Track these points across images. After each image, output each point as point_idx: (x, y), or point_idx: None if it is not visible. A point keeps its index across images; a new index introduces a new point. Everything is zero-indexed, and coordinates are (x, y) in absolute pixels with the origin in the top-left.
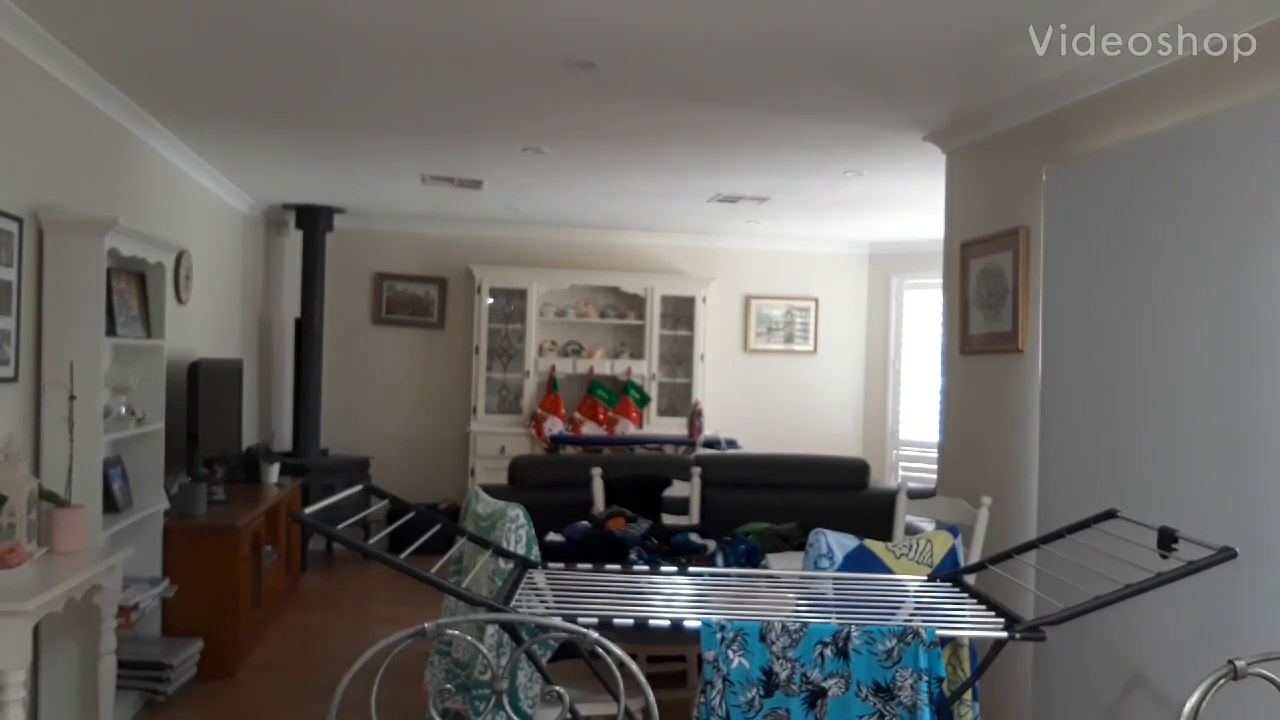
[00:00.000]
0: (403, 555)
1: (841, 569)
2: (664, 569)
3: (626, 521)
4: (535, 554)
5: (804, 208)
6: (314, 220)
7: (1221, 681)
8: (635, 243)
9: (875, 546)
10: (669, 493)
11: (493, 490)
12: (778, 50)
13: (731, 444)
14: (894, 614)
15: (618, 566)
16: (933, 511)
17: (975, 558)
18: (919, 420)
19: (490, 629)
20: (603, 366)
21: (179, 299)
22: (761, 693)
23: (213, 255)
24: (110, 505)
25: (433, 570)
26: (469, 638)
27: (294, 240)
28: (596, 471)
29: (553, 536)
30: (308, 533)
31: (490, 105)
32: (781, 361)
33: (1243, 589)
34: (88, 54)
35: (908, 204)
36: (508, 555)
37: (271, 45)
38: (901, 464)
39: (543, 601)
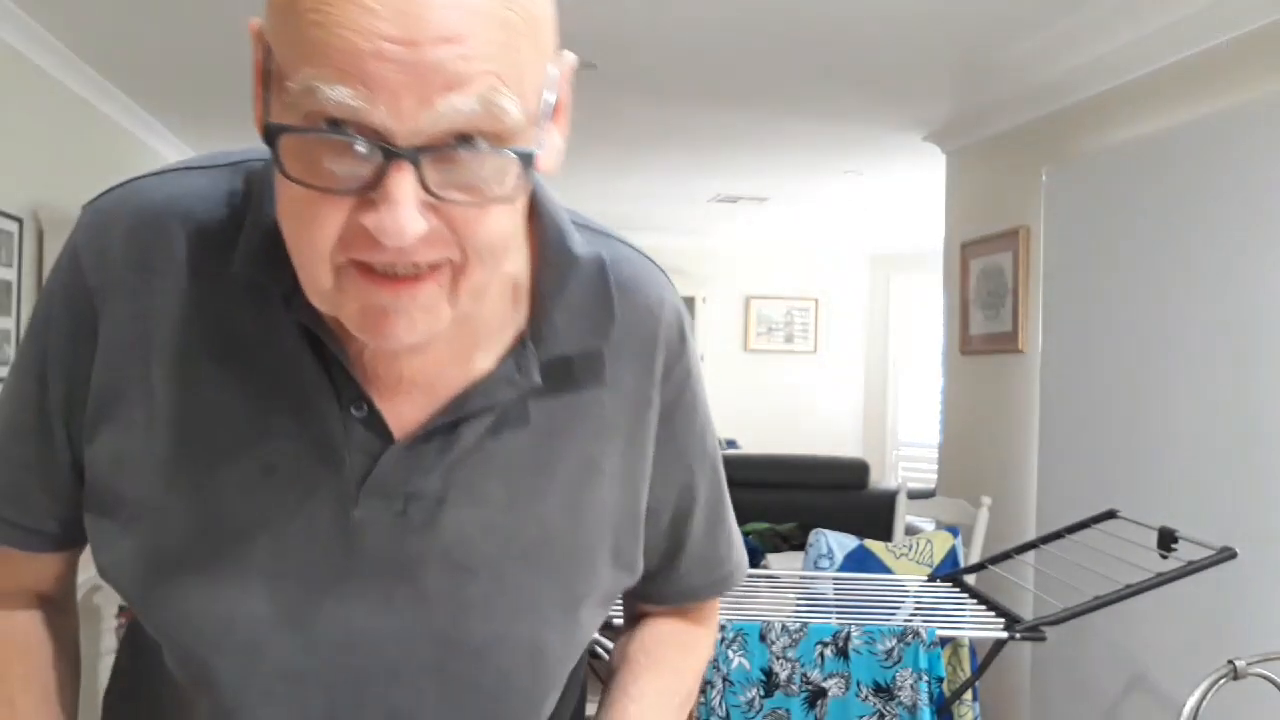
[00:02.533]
0: None
1: (841, 569)
2: None
3: None
4: None
5: (804, 208)
6: None
7: (1221, 681)
8: (635, 243)
9: (875, 546)
10: None
11: None
12: (777, 50)
13: (731, 444)
14: (894, 614)
15: None
16: (933, 511)
17: (975, 558)
18: (919, 420)
19: None
20: None
21: None
22: (761, 693)
23: None
24: None
25: None
26: None
27: None
28: None
29: None
30: None
31: None
32: (781, 361)
33: (1243, 589)
34: (88, 54)
35: (907, 204)
36: None
37: None
38: (901, 464)
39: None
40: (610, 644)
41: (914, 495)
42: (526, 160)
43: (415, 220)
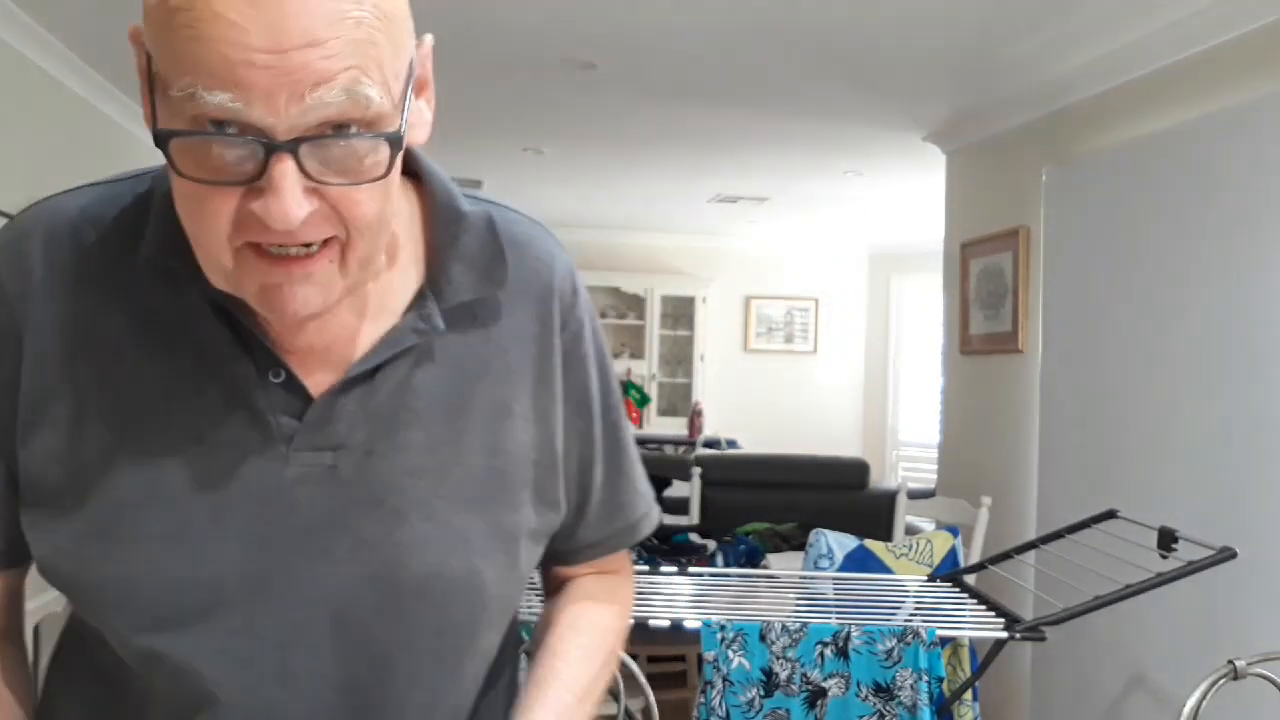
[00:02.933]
0: None
1: (841, 569)
2: (664, 569)
3: None
4: None
5: (804, 208)
6: None
7: (1221, 681)
8: (635, 243)
9: (875, 546)
10: (669, 493)
11: None
12: (778, 50)
13: (731, 444)
14: (894, 614)
15: None
16: (933, 511)
17: (975, 558)
18: (919, 420)
19: None
20: None
21: None
22: (761, 693)
23: None
24: None
25: None
26: None
27: None
28: None
29: None
30: None
31: (490, 105)
32: (781, 361)
33: (1243, 589)
34: (88, 54)
35: (907, 204)
36: None
37: None
38: (901, 464)
39: (543, 601)
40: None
41: (914, 495)
42: (394, 142)
43: (299, 205)
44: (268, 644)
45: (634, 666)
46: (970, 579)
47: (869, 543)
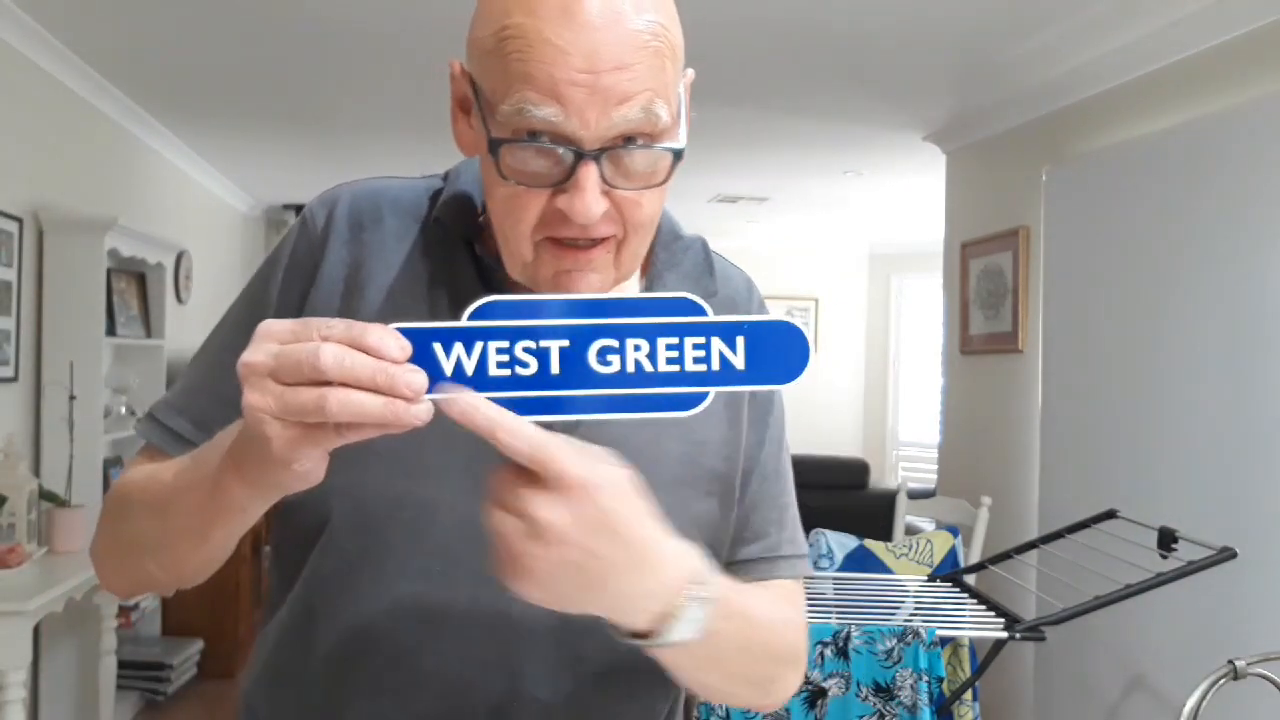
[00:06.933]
0: None
1: (841, 569)
2: None
3: None
4: None
5: (804, 208)
6: None
7: (1221, 681)
8: None
9: (875, 546)
10: None
11: None
12: (778, 50)
13: None
14: (894, 614)
15: None
16: (933, 511)
17: (975, 558)
18: (919, 420)
19: None
20: None
21: (179, 299)
22: None
23: (213, 255)
24: None
25: None
26: None
27: None
28: None
29: None
30: None
31: None
32: None
33: (1243, 589)
34: (88, 54)
35: (907, 204)
36: None
37: (272, 45)
38: (901, 464)
39: None
40: None
41: (914, 495)
42: (676, 155)
43: (599, 202)
44: (465, 574)
45: None
46: (970, 579)
47: (869, 543)
